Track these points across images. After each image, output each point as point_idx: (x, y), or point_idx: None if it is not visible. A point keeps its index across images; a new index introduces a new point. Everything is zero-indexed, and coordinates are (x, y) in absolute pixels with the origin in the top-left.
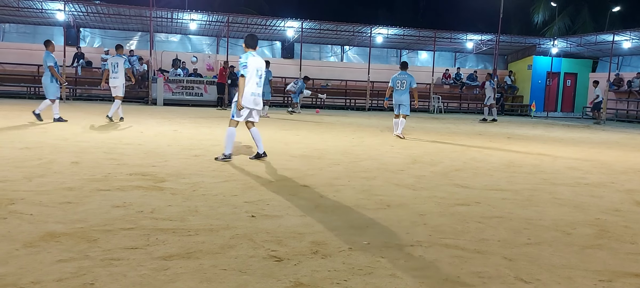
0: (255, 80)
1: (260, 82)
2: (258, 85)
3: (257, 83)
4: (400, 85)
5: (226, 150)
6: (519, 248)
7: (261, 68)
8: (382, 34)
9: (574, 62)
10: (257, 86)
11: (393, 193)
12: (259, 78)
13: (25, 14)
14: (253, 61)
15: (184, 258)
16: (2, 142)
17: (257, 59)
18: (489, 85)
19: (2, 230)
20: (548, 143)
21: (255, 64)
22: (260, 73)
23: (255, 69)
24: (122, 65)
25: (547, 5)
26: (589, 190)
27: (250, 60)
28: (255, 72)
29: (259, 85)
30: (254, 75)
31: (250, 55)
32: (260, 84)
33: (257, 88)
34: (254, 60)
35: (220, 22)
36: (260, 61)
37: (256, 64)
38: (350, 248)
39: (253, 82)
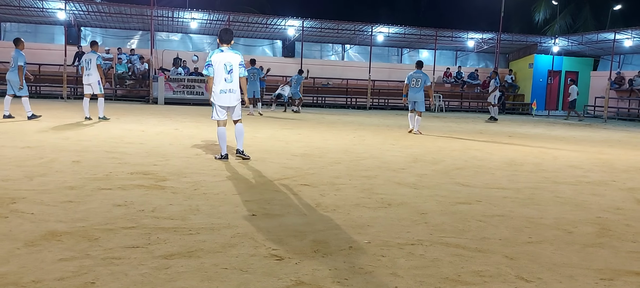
0: (224, 76)
1: (229, 77)
2: (227, 80)
3: (226, 79)
4: (415, 82)
5: (222, 151)
6: (520, 246)
7: (230, 62)
8: (383, 33)
9: (576, 61)
10: (226, 82)
11: (394, 192)
12: (227, 73)
13: (26, 13)
14: (218, 58)
15: (185, 257)
16: (4, 141)
17: (226, 54)
18: (493, 83)
19: (4, 229)
20: (549, 141)
21: (221, 59)
22: (229, 68)
23: (222, 65)
24: (95, 62)
25: (548, 3)
26: (590, 188)
27: (214, 58)
28: (224, 69)
29: (229, 81)
30: (222, 72)
31: (215, 52)
32: (231, 80)
33: (227, 84)
34: (219, 56)
35: (221, 21)
36: (228, 56)
37: (223, 60)
38: (351, 247)
39: (221, 78)
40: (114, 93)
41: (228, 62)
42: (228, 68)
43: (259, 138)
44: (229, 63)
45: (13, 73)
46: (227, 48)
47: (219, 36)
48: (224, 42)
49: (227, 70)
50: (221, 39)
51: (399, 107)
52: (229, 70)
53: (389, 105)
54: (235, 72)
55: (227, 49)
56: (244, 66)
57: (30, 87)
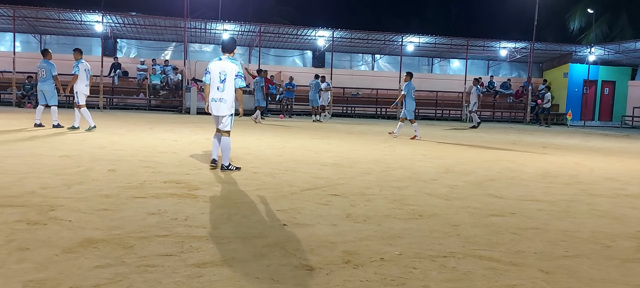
0: (217, 84)
1: (222, 86)
2: (219, 90)
3: (218, 88)
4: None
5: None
6: (556, 260)
7: (224, 71)
8: (413, 43)
9: (612, 70)
10: (218, 91)
11: (425, 203)
12: (220, 82)
13: (65, 26)
14: (215, 66)
15: (217, 266)
16: (43, 149)
17: (222, 62)
18: (474, 91)
19: (43, 235)
20: (585, 153)
21: (217, 67)
22: (222, 77)
23: (217, 74)
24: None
25: (583, 12)
26: (629, 201)
27: (211, 65)
28: (218, 77)
29: (221, 90)
30: (216, 80)
31: (214, 60)
32: (223, 89)
33: (218, 93)
34: (216, 64)
35: (252, 32)
36: (224, 65)
37: (219, 68)
38: (382, 259)
39: (214, 86)
40: (148, 103)
41: (223, 71)
42: (222, 77)
43: (288, 148)
44: (223, 72)
45: (46, 83)
46: (225, 57)
47: (222, 45)
48: (225, 51)
49: (221, 79)
50: (223, 48)
51: (430, 117)
52: (222, 79)
53: (419, 115)
54: (229, 82)
55: (225, 58)
56: (241, 77)
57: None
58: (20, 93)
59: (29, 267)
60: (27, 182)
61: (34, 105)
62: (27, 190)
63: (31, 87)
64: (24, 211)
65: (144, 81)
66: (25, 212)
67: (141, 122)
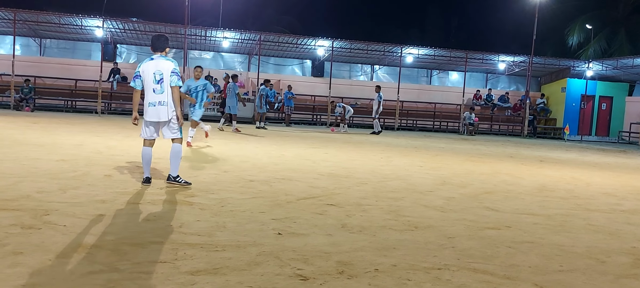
0: (153, 86)
1: (159, 88)
2: (156, 91)
3: (154, 90)
4: None
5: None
6: (551, 275)
7: (160, 71)
8: (412, 54)
9: (610, 85)
10: (154, 93)
11: (421, 214)
12: (156, 83)
13: (65, 30)
14: (147, 67)
15: (210, 274)
16: (40, 153)
17: (156, 62)
18: (376, 98)
19: (37, 240)
20: (582, 167)
21: (150, 68)
22: (158, 77)
23: (151, 74)
24: None
25: (582, 27)
26: (625, 217)
27: (142, 67)
28: (152, 78)
29: (158, 92)
30: (151, 82)
31: (145, 61)
32: (161, 90)
33: (155, 95)
34: (148, 65)
35: (252, 41)
36: (159, 64)
37: (153, 68)
38: (377, 270)
39: (149, 89)
40: None
41: (158, 70)
42: (157, 77)
43: (286, 156)
44: (158, 71)
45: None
46: (158, 56)
47: (151, 43)
48: (157, 50)
49: (156, 79)
50: (153, 46)
51: (428, 129)
52: (158, 80)
53: (417, 126)
54: (166, 81)
55: (157, 57)
56: (177, 74)
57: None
58: (18, 96)
59: (23, 271)
60: (23, 186)
61: (32, 108)
62: (22, 194)
63: (29, 91)
64: (18, 215)
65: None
66: (19, 216)
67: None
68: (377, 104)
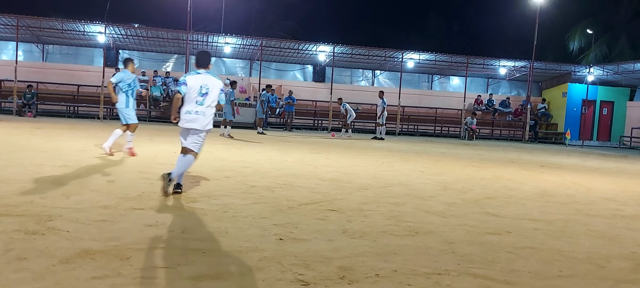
0: (196, 98)
1: (201, 100)
2: (198, 103)
3: (197, 101)
4: None
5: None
6: (550, 280)
7: (207, 85)
8: (413, 59)
9: (611, 90)
10: (196, 104)
11: (422, 220)
12: (200, 96)
13: (68, 36)
14: (194, 79)
15: (213, 279)
16: (43, 159)
17: (203, 77)
18: (380, 103)
19: (41, 245)
20: (583, 172)
21: (197, 81)
22: (204, 91)
23: (198, 87)
24: None
25: (583, 32)
26: (625, 222)
27: (189, 78)
28: (198, 91)
29: (199, 104)
30: (195, 94)
31: (190, 74)
32: (201, 103)
33: (196, 106)
34: (195, 78)
35: (253, 46)
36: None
37: (200, 82)
38: (377, 275)
39: (192, 99)
40: (149, 114)
41: (205, 84)
42: (203, 90)
43: (288, 162)
44: (205, 85)
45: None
46: (204, 71)
47: (196, 60)
48: (201, 66)
49: (202, 93)
50: (197, 63)
51: (429, 133)
52: (203, 93)
53: (418, 131)
54: (211, 97)
55: (204, 72)
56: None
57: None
58: (21, 102)
59: (27, 276)
60: (27, 192)
61: (34, 114)
62: (26, 200)
63: (32, 96)
64: (22, 221)
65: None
66: (23, 222)
67: (141, 133)
68: (382, 110)
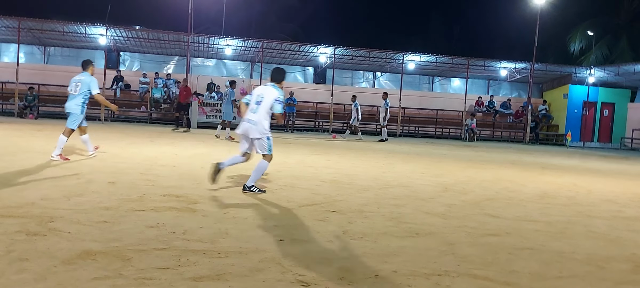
0: (252, 106)
1: (255, 108)
2: (252, 111)
3: (252, 109)
4: None
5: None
6: (550, 281)
7: (262, 95)
8: (414, 61)
9: (612, 92)
10: (250, 112)
11: (422, 221)
12: (255, 104)
13: (69, 38)
14: (257, 89)
15: (213, 280)
16: (45, 161)
17: (264, 87)
18: (383, 105)
19: (42, 246)
20: (584, 174)
21: (257, 91)
22: (258, 99)
23: (255, 96)
24: None
25: (583, 34)
26: (626, 223)
27: (255, 89)
28: (255, 100)
29: (253, 112)
30: (252, 102)
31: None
32: (255, 110)
33: (250, 114)
34: (258, 88)
35: (254, 48)
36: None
37: (259, 91)
38: (377, 276)
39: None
40: (150, 116)
41: (261, 94)
42: (257, 99)
43: (288, 163)
44: (260, 95)
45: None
46: (271, 84)
47: (271, 74)
48: (273, 80)
49: (256, 101)
50: (271, 77)
51: (430, 135)
52: (257, 102)
53: (419, 132)
54: (264, 105)
55: (270, 85)
56: (279, 102)
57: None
58: (22, 104)
59: (28, 277)
60: (28, 193)
61: (35, 116)
62: (27, 201)
63: (33, 98)
64: (24, 222)
65: (145, 94)
66: (25, 223)
67: (142, 134)
68: (384, 111)
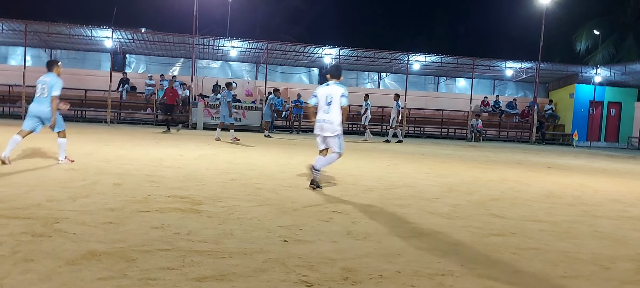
0: (323, 107)
1: (327, 108)
2: (325, 112)
3: (325, 110)
4: None
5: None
6: (554, 281)
7: (331, 94)
8: (419, 61)
9: (619, 91)
10: (324, 113)
11: (427, 221)
12: (326, 105)
13: (75, 41)
14: (322, 91)
15: (217, 281)
16: (50, 162)
17: (330, 87)
18: (395, 107)
19: (47, 247)
20: (590, 174)
21: (324, 92)
22: (329, 100)
23: (324, 97)
24: None
25: (590, 33)
26: (631, 223)
27: (319, 90)
28: (324, 100)
29: (326, 112)
30: (323, 103)
31: (321, 86)
32: (328, 111)
33: (324, 114)
34: (323, 89)
35: (259, 49)
36: (331, 89)
37: (326, 92)
38: (381, 276)
39: (321, 109)
40: (155, 118)
41: (329, 94)
42: (328, 100)
43: (293, 164)
44: (330, 95)
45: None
46: (333, 82)
47: (329, 71)
48: (333, 77)
49: (327, 102)
50: (330, 74)
51: (436, 135)
52: (328, 102)
53: (424, 133)
54: (335, 104)
55: (332, 83)
56: (346, 96)
57: (76, 111)
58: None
59: (33, 278)
60: (34, 195)
61: None
62: (33, 203)
63: None
64: (29, 223)
65: (151, 96)
66: (30, 224)
67: (148, 136)
68: (396, 113)
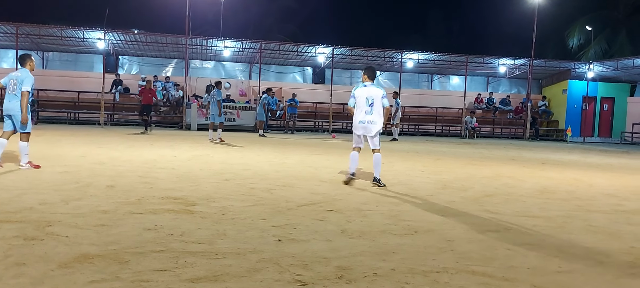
0: (365, 108)
1: (370, 110)
2: (367, 113)
3: (366, 111)
4: None
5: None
6: (549, 276)
7: (372, 96)
8: (413, 59)
9: (611, 86)
10: (366, 114)
11: (421, 218)
12: (368, 106)
13: (67, 43)
14: (361, 92)
15: (211, 281)
16: (43, 165)
17: (369, 89)
18: (394, 105)
19: (40, 251)
20: (584, 169)
21: (364, 93)
22: (370, 101)
23: (364, 99)
24: None
25: (582, 29)
26: (625, 217)
27: (358, 92)
28: (365, 102)
29: (368, 113)
30: (363, 105)
31: (359, 86)
32: (371, 112)
33: (366, 115)
34: (362, 90)
35: (253, 49)
36: (371, 91)
37: (366, 93)
38: (375, 274)
39: (361, 110)
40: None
41: (370, 96)
42: (369, 101)
43: (287, 163)
44: (370, 96)
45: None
46: (370, 83)
47: (366, 73)
48: (369, 78)
49: (369, 103)
50: (367, 75)
51: (430, 133)
52: (370, 104)
53: (419, 131)
54: (376, 105)
55: (369, 85)
56: (386, 98)
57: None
58: None
59: (25, 281)
60: (26, 198)
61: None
62: (25, 206)
63: (32, 104)
64: (21, 227)
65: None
66: (23, 228)
67: (141, 138)
68: (395, 110)
